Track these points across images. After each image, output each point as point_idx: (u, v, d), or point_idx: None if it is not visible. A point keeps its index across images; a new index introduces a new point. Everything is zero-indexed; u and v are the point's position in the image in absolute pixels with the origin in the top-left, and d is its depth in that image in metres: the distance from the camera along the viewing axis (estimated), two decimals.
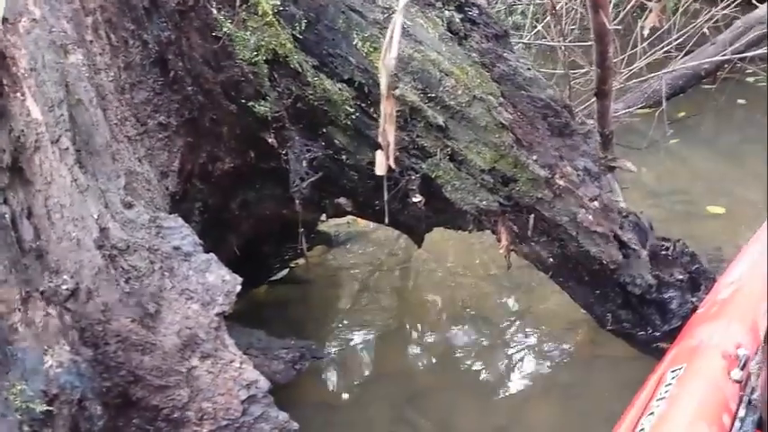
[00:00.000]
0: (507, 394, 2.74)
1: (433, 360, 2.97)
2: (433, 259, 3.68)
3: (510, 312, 3.23)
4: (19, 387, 1.45)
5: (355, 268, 3.68)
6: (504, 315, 3.22)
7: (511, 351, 2.98)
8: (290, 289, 3.41)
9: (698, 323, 2.30)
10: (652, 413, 1.78)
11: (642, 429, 1.74)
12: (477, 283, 3.44)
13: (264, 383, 1.68)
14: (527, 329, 3.07)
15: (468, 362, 2.95)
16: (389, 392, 2.73)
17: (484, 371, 2.88)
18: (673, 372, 1.93)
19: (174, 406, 1.67)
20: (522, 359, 2.93)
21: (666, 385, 1.88)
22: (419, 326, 3.18)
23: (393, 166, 1.13)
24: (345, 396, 2.78)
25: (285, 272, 3.46)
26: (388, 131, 1.11)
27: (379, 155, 1.15)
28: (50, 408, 1.45)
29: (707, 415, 1.74)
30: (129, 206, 1.70)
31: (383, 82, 1.08)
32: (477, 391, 2.76)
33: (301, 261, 3.47)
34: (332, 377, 2.87)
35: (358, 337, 3.13)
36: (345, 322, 3.25)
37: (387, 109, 1.09)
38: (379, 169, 1.16)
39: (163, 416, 1.67)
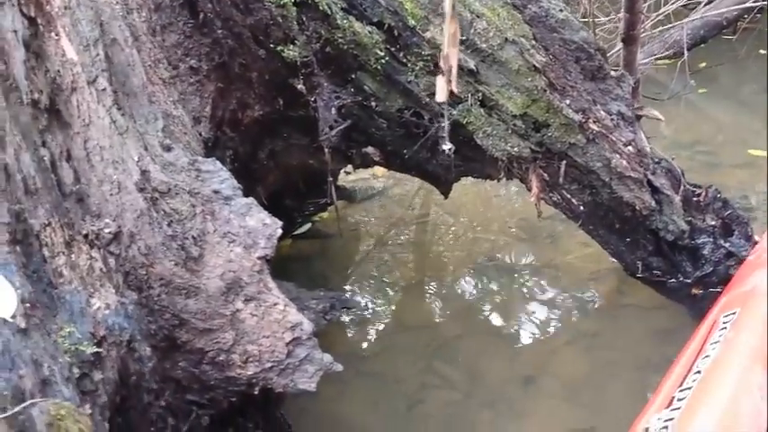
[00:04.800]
0: (534, 344, 2.74)
1: (457, 312, 2.96)
2: (451, 214, 3.66)
3: (532, 264, 3.21)
4: (67, 330, 1.43)
5: (374, 224, 3.66)
6: (525, 267, 3.20)
7: (535, 301, 2.97)
8: (312, 243, 3.40)
9: (750, 270, 2.29)
10: (707, 356, 1.77)
11: (698, 371, 1.73)
12: (496, 236, 3.42)
13: (309, 326, 1.67)
14: (550, 280, 3.06)
15: (492, 313, 2.94)
16: (416, 343, 2.73)
17: (508, 321, 2.87)
18: (726, 317, 1.92)
19: (219, 349, 1.66)
20: (546, 309, 2.92)
21: (721, 329, 1.87)
22: (440, 278, 3.17)
23: (456, 90, 1.09)
24: (373, 347, 2.78)
25: (307, 226, 3.44)
26: (450, 55, 1.07)
27: (440, 80, 1.11)
28: (99, 349, 1.43)
29: (763, 357, 1.73)
30: (168, 149, 1.67)
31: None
32: (503, 341, 2.76)
33: (325, 215, 3.45)
34: (358, 329, 2.87)
35: (381, 290, 3.13)
36: (367, 275, 3.24)
37: (450, 29, 1.04)
38: (440, 95, 1.12)
39: (208, 359, 1.67)
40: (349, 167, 3.01)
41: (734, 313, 1.93)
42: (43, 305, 1.42)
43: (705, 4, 4.57)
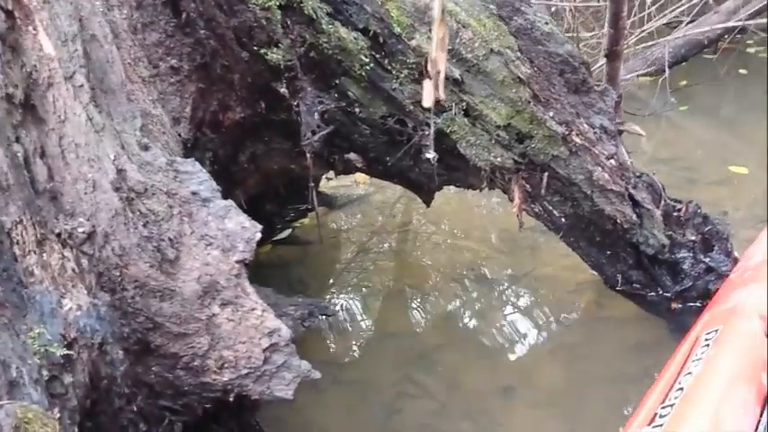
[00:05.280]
0: (513, 354, 2.73)
1: (436, 321, 2.95)
2: (432, 223, 3.65)
3: (512, 275, 3.20)
4: (37, 330, 1.39)
5: (355, 231, 3.65)
6: (506, 278, 3.19)
7: (514, 312, 2.96)
8: (291, 250, 3.37)
9: (732, 288, 2.30)
10: (690, 373, 1.77)
11: (681, 388, 1.73)
12: (478, 246, 3.42)
13: (287, 332, 1.64)
14: (530, 291, 3.05)
15: (472, 323, 2.93)
16: (394, 352, 2.71)
17: (488, 332, 2.86)
18: (708, 334, 1.92)
19: (193, 354, 1.62)
20: (526, 320, 2.91)
21: (702, 347, 1.87)
22: (421, 287, 3.15)
23: (443, 97, 1.08)
24: (351, 355, 2.75)
25: (287, 232, 3.41)
26: (438, 59, 1.05)
27: (427, 84, 1.10)
28: (70, 352, 1.39)
29: (745, 374, 1.73)
30: (145, 148, 1.64)
31: (437, 3, 1.02)
32: (482, 351, 2.74)
33: (305, 221, 3.43)
34: (336, 337, 2.84)
35: (360, 298, 3.11)
36: (347, 283, 3.22)
37: (439, 34, 1.03)
38: (427, 100, 1.10)
39: (182, 364, 1.63)
40: (330, 173, 2.99)
41: (716, 331, 1.93)
42: (12, 305, 1.38)
43: (687, 23, 4.64)
